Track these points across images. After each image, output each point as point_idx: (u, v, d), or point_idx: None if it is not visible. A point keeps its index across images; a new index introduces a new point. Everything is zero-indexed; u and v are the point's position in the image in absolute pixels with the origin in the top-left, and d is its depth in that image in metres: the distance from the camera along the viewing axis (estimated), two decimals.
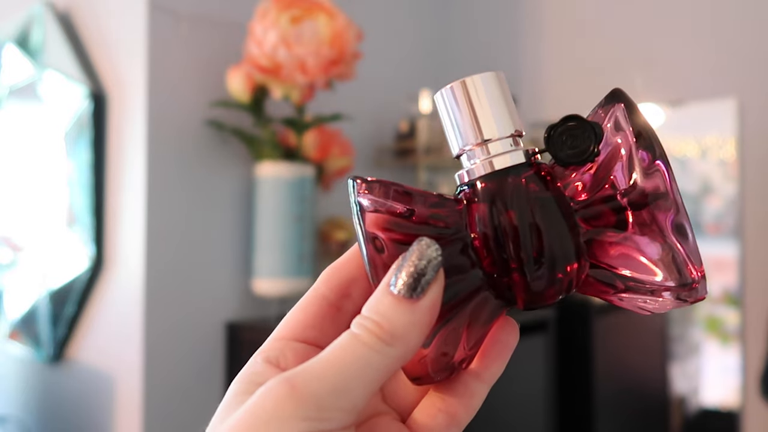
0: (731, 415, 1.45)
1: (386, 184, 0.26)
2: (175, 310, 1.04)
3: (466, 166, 0.27)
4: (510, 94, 0.28)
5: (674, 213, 0.25)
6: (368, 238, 0.25)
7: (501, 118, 0.27)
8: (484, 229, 0.26)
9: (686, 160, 1.54)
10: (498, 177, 0.26)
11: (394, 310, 0.23)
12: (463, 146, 0.27)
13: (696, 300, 0.26)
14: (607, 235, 0.26)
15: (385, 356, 0.22)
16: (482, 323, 0.27)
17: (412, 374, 0.26)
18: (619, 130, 0.26)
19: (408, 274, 0.23)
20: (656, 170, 0.25)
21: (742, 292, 1.42)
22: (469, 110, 0.27)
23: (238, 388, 0.24)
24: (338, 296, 0.27)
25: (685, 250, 0.25)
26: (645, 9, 1.52)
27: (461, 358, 0.26)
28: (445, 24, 1.71)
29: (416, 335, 0.23)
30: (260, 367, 0.25)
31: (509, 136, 0.27)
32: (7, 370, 1.38)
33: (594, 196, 0.26)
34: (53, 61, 1.20)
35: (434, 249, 0.24)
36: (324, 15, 0.99)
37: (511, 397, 1.18)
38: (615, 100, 0.27)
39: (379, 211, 0.26)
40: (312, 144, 1.12)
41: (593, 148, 0.26)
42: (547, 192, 0.26)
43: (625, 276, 0.26)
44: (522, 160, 0.26)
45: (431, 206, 0.26)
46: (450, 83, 0.28)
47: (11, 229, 1.41)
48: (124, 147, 1.07)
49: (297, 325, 0.26)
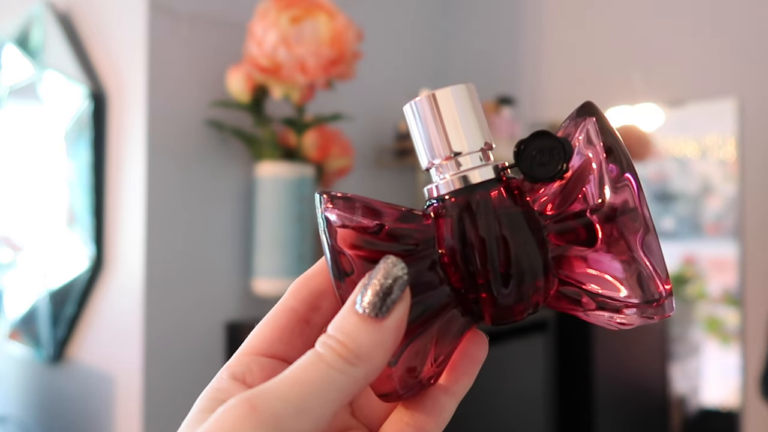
0: (731, 415, 1.45)
1: (353, 199, 0.26)
2: (175, 309, 1.04)
3: (435, 180, 0.27)
4: (480, 106, 0.28)
5: (643, 228, 0.25)
6: (335, 253, 0.25)
7: (471, 131, 0.27)
8: (452, 244, 0.26)
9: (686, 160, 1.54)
10: (467, 192, 0.26)
11: (359, 330, 0.23)
12: (432, 159, 0.27)
13: (662, 317, 0.25)
14: (575, 250, 0.26)
15: (348, 376, 0.22)
16: (450, 339, 0.26)
17: (380, 391, 0.26)
18: (590, 144, 0.26)
19: (374, 293, 0.23)
20: (625, 184, 0.25)
21: (742, 292, 1.42)
22: (438, 123, 0.27)
23: (202, 405, 0.24)
24: (307, 309, 0.26)
25: (652, 265, 0.25)
26: (645, 9, 1.52)
27: (429, 375, 0.26)
28: (445, 24, 1.71)
29: (381, 355, 0.23)
30: (225, 384, 0.25)
31: (479, 150, 0.27)
32: (7, 370, 1.38)
33: (563, 211, 0.26)
34: (53, 61, 1.20)
35: (400, 267, 0.23)
36: (324, 15, 0.99)
37: (511, 397, 1.18)
38: (586, 114, 0.27)
39: (347, 226, 0.25)
40: (312, 144, 1.12)
41: (562, 166, 0.26)
42: (516, 207, 0.26)
43: (592, 292, 0.26)
44: (491, 176, 0.26)
45: (399, 221, 0.26)
46: (419, 95, 0.28)
47: (11, 229, 1.41)
48: (124, 147, 1.07)
49: (264, 340, 0.26)
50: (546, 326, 1.27)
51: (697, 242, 1.50)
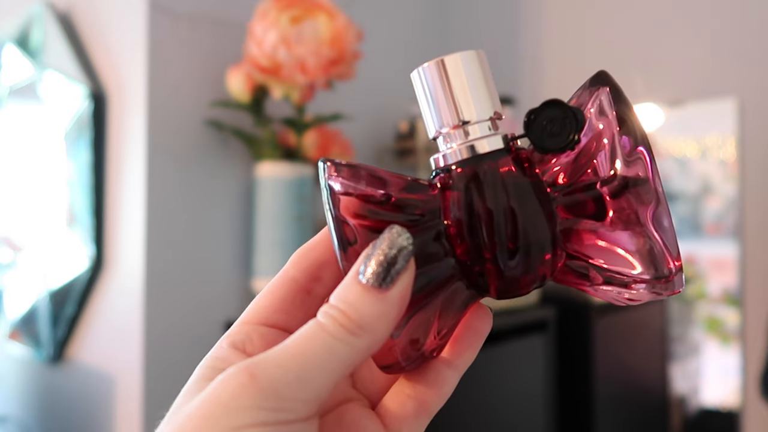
0: (731, 415, 1.45)
1: (358, 167, 0.25)
2: (175, 309, 1.04)
3: (443, 149, 0.26)
4: (491, 75, 0.26)
5: (655, 202, 0.24)
6: (339, 223, 0.24)
7: (480, 100, 0.26)
8: (458, 216, 0.25)
9: (686, 160, 1.54)
10: (474, 162, 0.25)
11: (362, 300, 0.22)
12: (439, 128, 0.26)
13: (672, 293, 0.25)
14: (584, 224, 0.25)
15: (350, 347, 0.22)
16: (454, 312, 0.26)
17: (382, 362, 0.25)
18: (602, 115, 0.25)
19: (377, 263, 0.22)
20: (638, 157, 0.25)
21: (742, 292, 1.42)
22: (447, 91, 0.26)
23: (201, 373, 0.24)
24: (308, 279, 0.26)
25: (663, 240, 0.24)
26: (645, 9, 1.52)
27: (432, 347, 0.26)
28: (445, 24, 1.71)
29: (384, 326, 0.22)
30: (224, 352, 0.24)
31: (488, 120, 0.26)
32: (7, 370, 1.38)
33: (573, 183, 0.25)
34: (53, 61, 1.20)
35: (405, 237, 0.23)
36: (324, 15, 0.99)
37: (511, 397, 1.18)
38: (600, 83, 0.26)
39: (351, 194, 0.25)
40: (312, 144, 1.12)
41: (574, 136, 0.25)
42: (524, 178, 0.25)
43: (600, 267, 0.25)
44: (500, 146, 0.25)
45: (404, 191, 0.25)
46: (428, 61, 0.26)
47: (11, 229, 1.41)
48: (124, 147, 1.07)
49: (265, 309, 0.26)
50: (546, 326, 1.27)
51: (697, 242, 1.50)
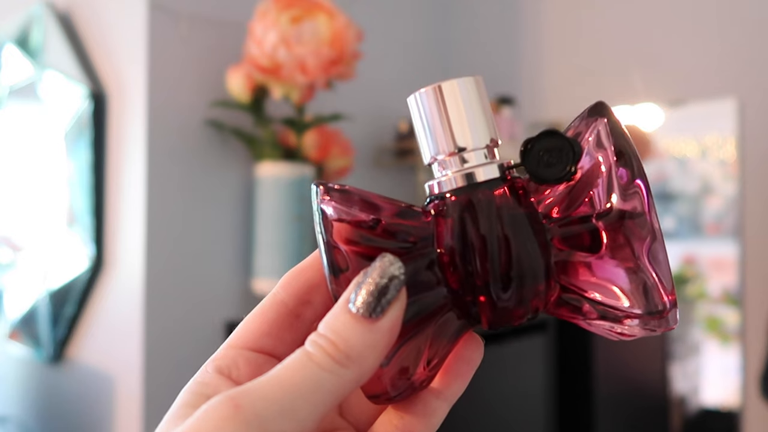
0: (731, 415, 1.45)
1: (350, 192, 0.25)
2: (175, 309, 1.04)
3: (437, 176, 0.26)
4: (488, 101, 0.26)
5: (650, 237, 0.24)
6: (330, 248, 0.24)
7: (477, 127, 0.26)
8: (451, 244, 0.24)
9: (686, 160, 1.54)
10: (469, 191, 0.25)
11: (351, 330, 0.21)
12: (435, 154, 0.26)
13: (666, 329, 0.24)
14: (578, 256, 0.25)
15: (338, 378, 0.21)
16: (446, 342, 0.25)
17: (370, 392, 0.25)
18: (600, 147, 0.25)
19: (368, 292, 0.22)
20: (635, 191, 0.24)
21: (742, 292, 1.42)
22: (443, 117, 0.25)
23: (185, 399, 0.23)
24: (297, 303, 0.25)
25: (657, 275, 0.24)
26: (645, 9, 1.52)
27: (422, 378, 0.25)
28: (445, 24, 1.70)
29: (373, 357, 0.22)
30: (209, 377, 0.24)
31: (484, 147, 0.26)
32: (7, 370, 1.38)
33: (568, 215, 0.25)
34: (53, 61, 1.20)
35: (397, 267, 0.22)
36: (324, 15, 0.99)
37: (511, 397, 1.18)
38: (597, 114, 0.25)
39: (343, 220, 0.24)
40: (312, 144, 1.12)
41: (571, 168, 0.25)
42: (519, 208, 0.25)
43: (594, 300, 0.25)
44: (496, 175, 0.25)
45: (397, 217, 0.25)
46: (425, 86, 0.26)
47: (11, 229, 1.41)
48: (124, 147, 1.07)
49: (252, 333, 0.25)
50: (546, 326, 1.27)
51: (697, 242, 1.50)
